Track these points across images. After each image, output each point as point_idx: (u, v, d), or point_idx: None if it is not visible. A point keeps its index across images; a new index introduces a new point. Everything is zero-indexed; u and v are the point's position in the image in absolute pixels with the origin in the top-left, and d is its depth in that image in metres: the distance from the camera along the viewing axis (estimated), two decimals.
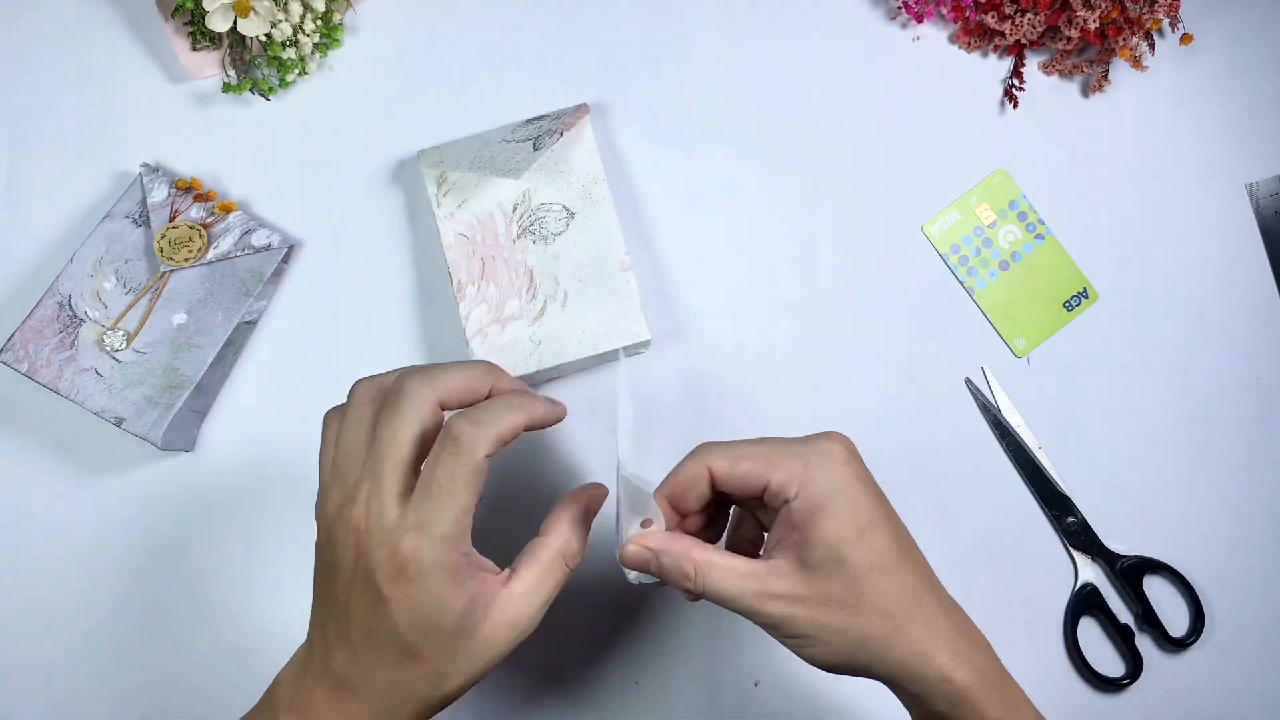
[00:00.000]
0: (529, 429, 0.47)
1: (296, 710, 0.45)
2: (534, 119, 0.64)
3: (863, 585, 0.44)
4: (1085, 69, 0.65)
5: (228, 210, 0.63)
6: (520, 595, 0.44)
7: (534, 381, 0.62)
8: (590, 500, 0.49)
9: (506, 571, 0.45)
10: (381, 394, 0.46)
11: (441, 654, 0.43)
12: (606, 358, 0.61)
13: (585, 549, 0.47)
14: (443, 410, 0.46)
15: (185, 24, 0.64)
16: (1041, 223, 0.65)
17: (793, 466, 0.45)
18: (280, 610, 0.62)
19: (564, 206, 0.61)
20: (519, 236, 0.61)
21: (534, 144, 0.62)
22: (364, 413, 0.46)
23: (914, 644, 0.44)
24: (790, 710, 0.61)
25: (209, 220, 0.63)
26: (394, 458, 0.44)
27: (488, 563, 0.45)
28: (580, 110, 0.63)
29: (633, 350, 0.62)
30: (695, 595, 0.46)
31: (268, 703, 0.46)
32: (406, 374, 0.46)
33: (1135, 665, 0.60)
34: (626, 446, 0.48)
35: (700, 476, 0.47)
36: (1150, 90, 0.66)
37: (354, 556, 0.44)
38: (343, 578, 0.44)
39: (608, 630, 0.61)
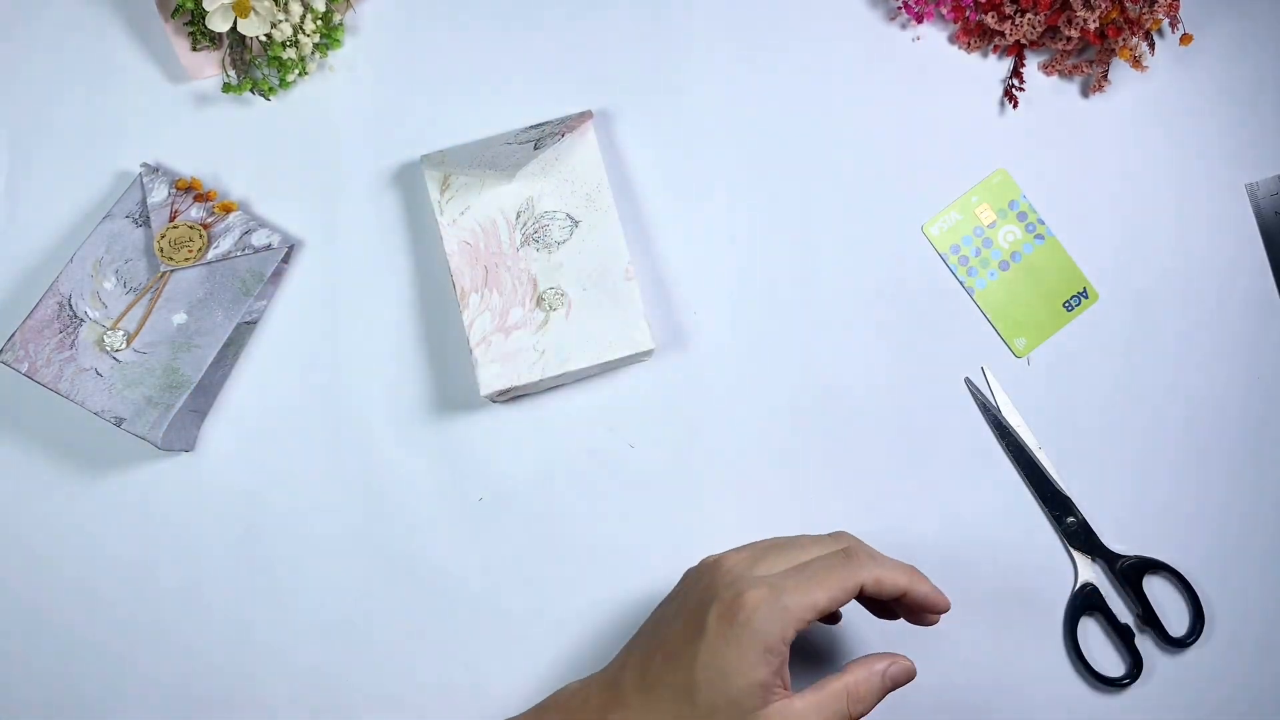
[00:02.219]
0: (909, 596, 0.51)
1: (561, 708, 0.50)
2: (537, 124, 0.64)
3: None
4: (1085, 69, 0.65)
5: (228, 210, 0.63)
6: (798, 710, 0.47)
7: (537, 390, 0.62)
8: (894, 665, 0.50)
9: (795, 691, 0.48)
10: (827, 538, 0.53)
11: (710, 709, 0.46)
12: (610, 366, 0.61)
13: (872, 705, 0.49)
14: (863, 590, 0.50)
15: (185, 24, 0.64)
16: (1041, 223, 0.65)
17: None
18: (279, 609, 0.62)
19: (568, 215, 0.61)
20: (522, 244, 0.61)
21: (535, 144, 0.62)
22: (818, 546, 0.51)
23: None
24: None
25: (209, 220, 0.63)
26: (805, 576, 0.48)
27: (788, 674, 0.48)
28: (584, 116, 0.63)
29: (636, 358, 0.62)
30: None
31: (544, 701, 0.52)
32: (863, 549, 0.52)
33: (1135, 665, 0.60)
34: None
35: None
36: (1150, 90, 0.66)
37: (704, 585, 0.49)
38: (679, 604, 0.50)
39: (609, 630, 0.61)
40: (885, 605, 0.53)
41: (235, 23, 0.61)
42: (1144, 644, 0.61)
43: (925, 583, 0.51)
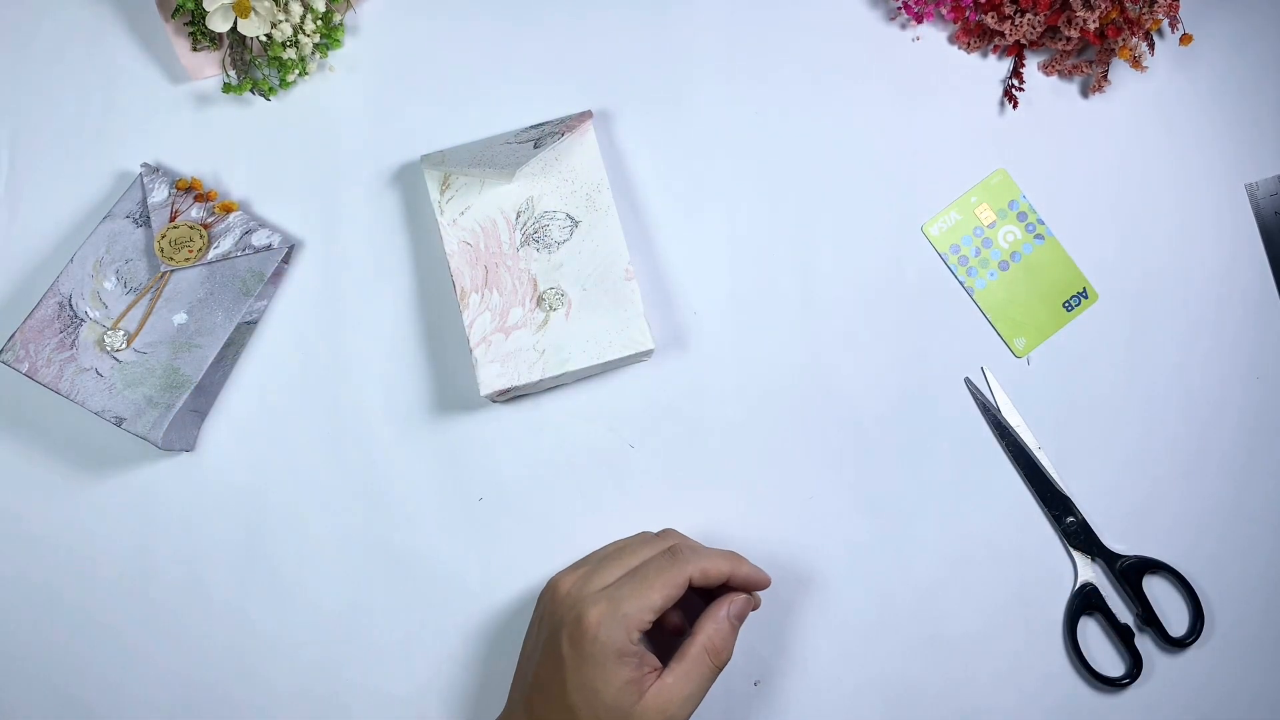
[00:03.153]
0: (733, 581, 0.55)
1: None
2: (537, 124, 0.64)
3: None
4: (1085, 69, 0.65)
5: (228, 210, 0.63)
6: (670, 685, 0.51)
7: (537, 390, 0.62)
8: (735, 605, 0.55)
9: (662, 668, 0.52)
10: (655, 536, 0.58)
11: None
12: (610, 366, 0.61)
13: (731, 648, 0.54)
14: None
15: (186, 24, 0.64)
16: (1041, 223, 0.65)
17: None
18: (279, 610, 0.62)
19: (568, 215, 0.61)
20: (522, 244, 0.61)
21: (535, 143, 0.62)
22: (647, 549, 0.56)
23: None
24: (790, 710, 0.61)
25: (209, 220, 0.63)
26: (640, 583, 0.53)
27: (653, 659, 0.53)
28: (583, 116, 0.63)
29: (636, 358, 0.62)
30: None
31: None
32: (684, 543, 0.57)
33: (1135, 665, 0.60)
34: None
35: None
36: (1150, 90, 0.66)
37: (549, 616, 0.54)
38: (536, 637, 0.55)
39: None
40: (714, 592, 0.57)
41: (235, 23, 0.61)
42: (1144, 644, 0.61)
43: (745, 565, 0.56)
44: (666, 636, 0.58)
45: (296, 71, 0.64)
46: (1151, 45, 0.64)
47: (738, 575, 0.55)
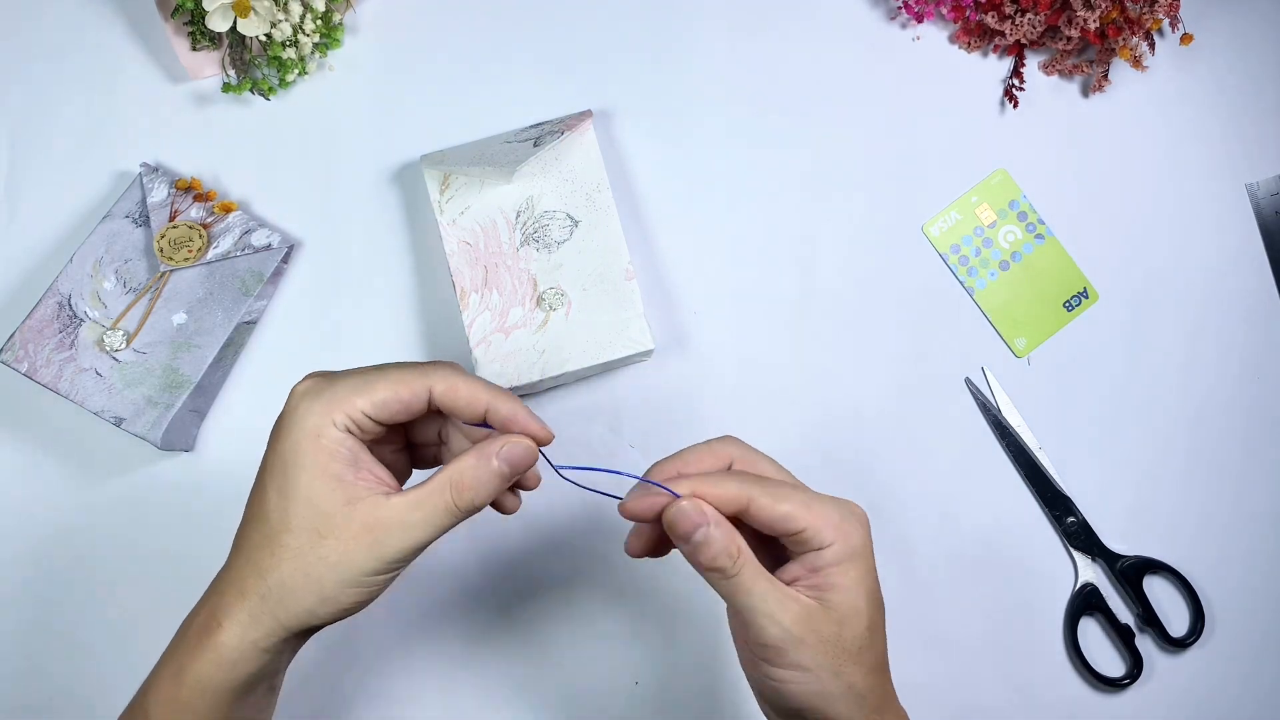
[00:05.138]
0: (494, 418, 0.44)
1: (190, 621, 0.46)
2: (537, 124, 0.64)
3: (872, 637, 0.45)
4: (1085, 69, 0.65)
5: (227, 210, 0.63)
6: (392, 504, 0.42)
7: (537, 390, 0.62)
8: (509, 449, 0.44)
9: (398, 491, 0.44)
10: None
11: (285, 516, 0.42)
12: (610, 366, 0.61)
13: (483, 494, 0.44)
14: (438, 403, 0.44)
15: (185, 24, 0.64)
16: (1042, 223, 0.65)
17: (830, 517, 0.45)
18: None
19: (568, 215, 0.61)
20: (522, 244, 0.61)
21: (534, 142, 0.62)
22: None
23: (890, 703, 0.46)
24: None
25: (209, 220, 0.63)
26: (372, 370, 0.44)
27: (386, 476, 0.44)
28: (583, 115, 0.63)
29: (636, 358, 0.62)
30: (714, 571, 0.45)
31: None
32: (445, 365, 0.45)
33: (1135, 665, 0.60)
34: None
35: (737, 501, 0.45)
36: (1150, 90, 0.66)
37: (283, 414, 0.44)
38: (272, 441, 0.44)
39: (609, 630, 0.61)
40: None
41: (235, 22, 0.61)
42: (1144, 644, 0.61)
43: (518, 405, 0.44)
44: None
45: (296, 71, 0.64)
46: (1152, 45, 0.64)
47: (500, 409, 0.44)
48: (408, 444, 0.49)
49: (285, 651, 0.45)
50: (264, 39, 0.62)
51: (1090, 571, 0.62)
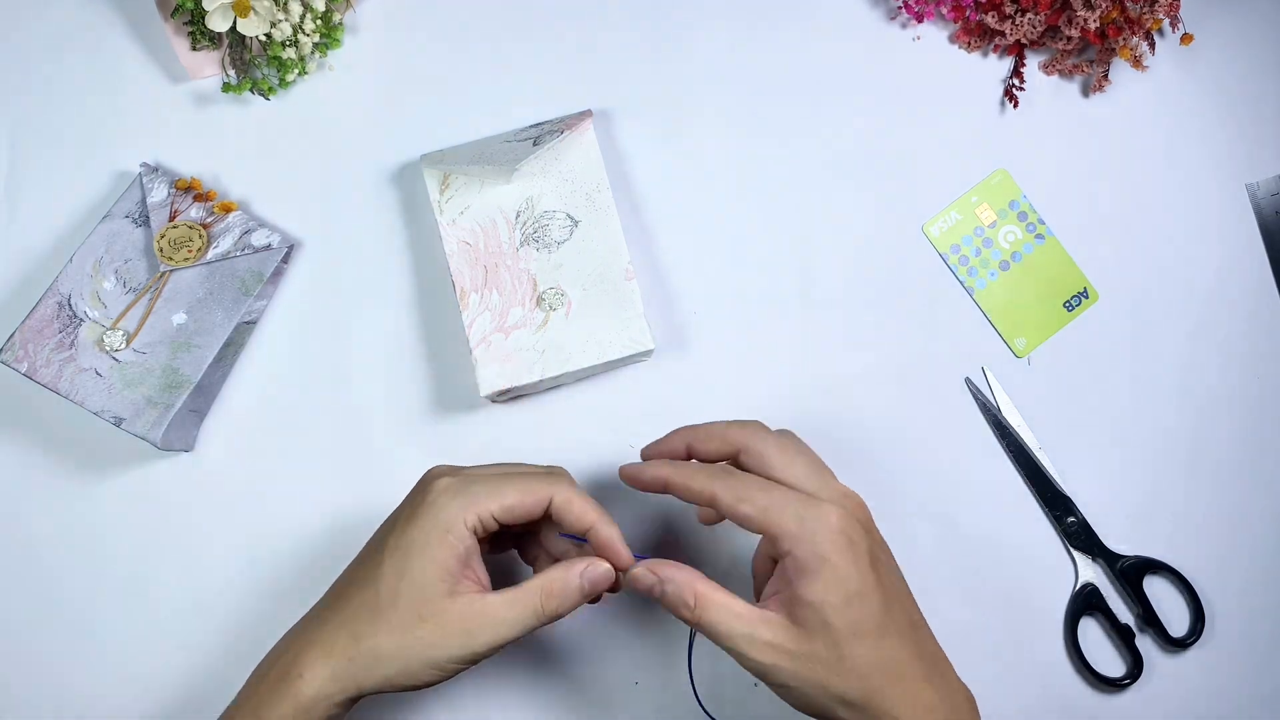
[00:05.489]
0: (593, 536, 0.50)
1: (273, 662, 0.50)
2: (537, 124, 0.64)
3: (844, 648, 0.46)
4: (1085, 69, 0.65)
5: (227, 210, 0.63)
6: (489, 602, 0.48)
7: (537, 390, 0.62)
8: (592, 570, 0.50)
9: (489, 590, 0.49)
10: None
11: (394, 596, 0.47)
12: (610, 366, 0.61)
13: (567, 606, 0.49)
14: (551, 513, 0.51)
15: (185, 24, 0.64)
16: (1042, 223, 0.65)
17: (789, 525, 0.46)
18: (280, 609, 0.62)
19: (568, 215, 0.61)
20: (522, 244, 0.61)
21: (534, 141, 0.62)
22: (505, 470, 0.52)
23: (890, 708, 0.46)
24: (788, 709, 0.61)
25: (209, 220, 0.63)
26: (501, 474, 0.50)
27: (482, 574, 0.49)
28: (583, 115, 0.63)
29: (636, 358, 0.62)
30: (679, 615, 0.48)
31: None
32: (563, 483, 0.51)
33: (1136, 665, 0.60)
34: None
35: (701, 498, 0.49)
36: (1150, 90, 0.66)
37: (416, 490, 0.51)
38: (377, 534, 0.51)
39: (608, 629, 0.61)
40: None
41: (235, 22, 0.61)
42: (1144, 644, 0.61)
43: (614, 531, 0.50)
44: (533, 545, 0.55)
45: (296, 71, 0.64)
46: (1152, 45, 0.64)
47: (599, 532, 0.50)
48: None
49: (350, 707, 0.49)
50: (264, 39, 0.62)
51: (1090, 571, 0.62)
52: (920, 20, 0.66)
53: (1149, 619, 0.61)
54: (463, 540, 0.48)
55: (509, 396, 0.62)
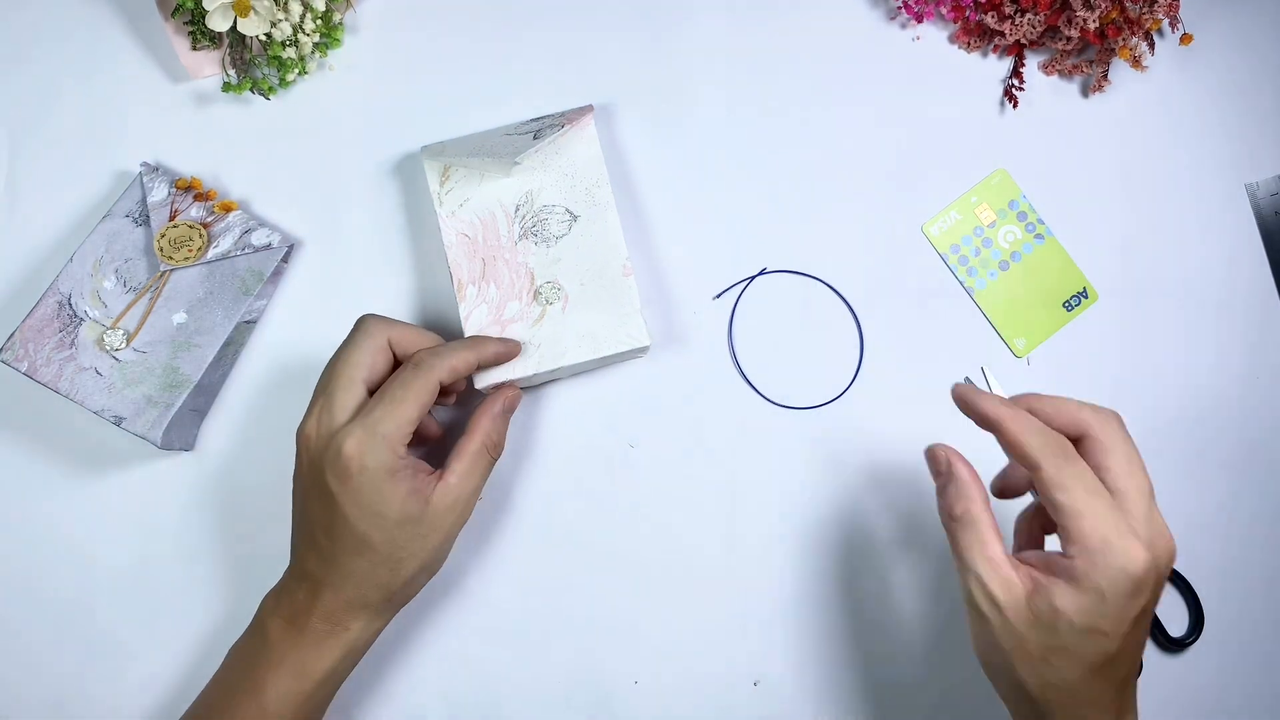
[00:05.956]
0: (482, 366, 0.57)
1: (280, 613, 0.54)
2: (538, 118, 0.64)
3: (1054, 661, 0.45)
4: (1085, 69, 0.65)
5: (228, 209, 0.63)
6: (454, 484, 0.53)
7: (533, 383, 0.62)
8: (506, 400, 0.57)
9: (441, 470, 0.54)
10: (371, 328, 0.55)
11: (391, 540, 0.52)
12: (606, 361, 0.61)
13: (504, 440, 0.57)
14: (393, 350, 0.55)
15: (185, 23, 0.64)
16: (1041, 222, 0.65)
17: (1092, 540, 0.44)
18: None
19: (567, 209, 0.61)
20: (521, 238, 0.61)
21: (534, 135, 0.62)
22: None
23: None
24: (790, 710, 0.61)
25: (209, 219, 0.63)
26: (344, 375, 0.53)
27: (425, 465, 0.54)
28: (584, 110, 0.63)
29: (632, 354, 0.62)
30: (946, 526, 0.49)
31: (256, 618, 0.55)
32: (367, 315, 0.56)
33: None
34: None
35: (1026, 459, 0.47)
36: (1150, 90, 0.66)
37: (307, 463, 0.53)
38: (302, 485, 0.53)
39: (608, 629, 0.61)
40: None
41: (235, 22, 0.61)
42: None
43: (489, 345, 0.57)
44: (428, 443, 0.60)
45: (296, 71, 0.64)
46: (1151, 45, 0.64)
47: (485, 359, 0.56)
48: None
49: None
50: (264, 38, 0.62)
51: None
52: (920, 20, 0.66)
53: None
54: (407, 466, 0.52)
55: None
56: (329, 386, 0.53)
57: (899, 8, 0.66)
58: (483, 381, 0.59)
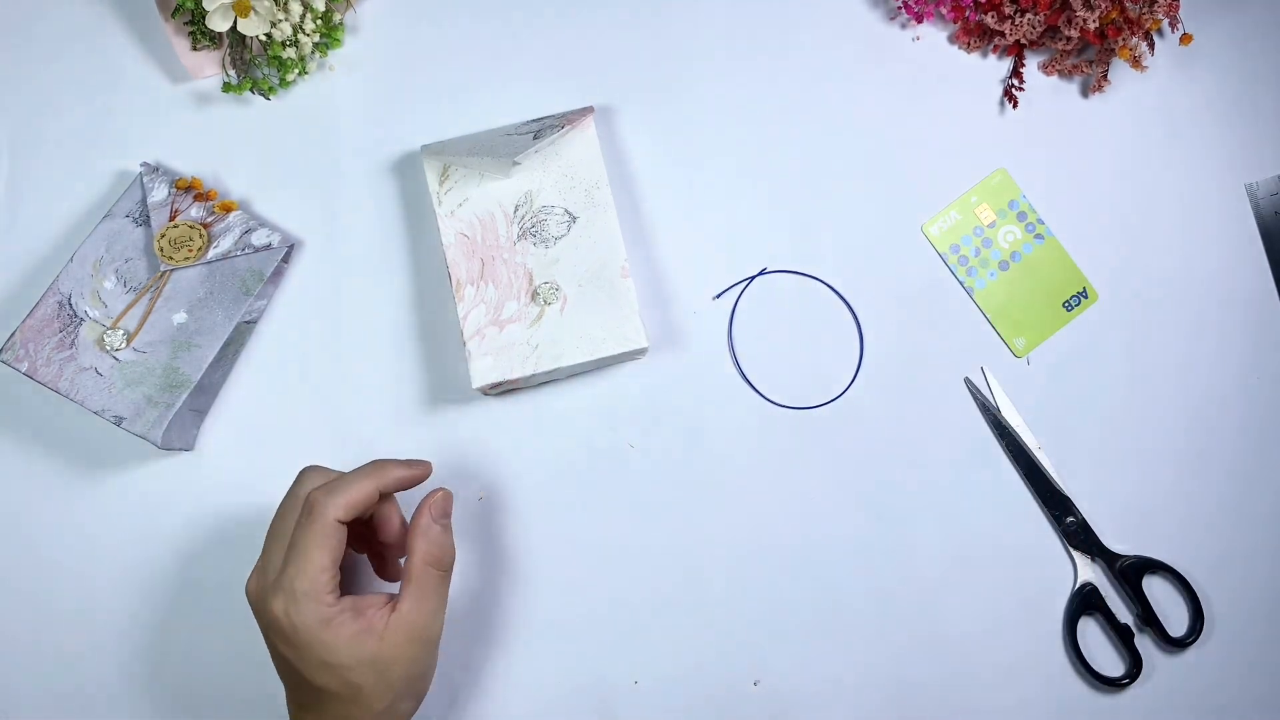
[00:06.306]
0: (385, 491, 0.53)
1: None
2: (538, 118, 0.64)
3: None
4: (1085, 69, 0.65)
5: (228, 210, 0.63)
6: (407, 612, 0.51)
7: (530, 384, 0.62)
8: (434, 508, 0.53)
9: (393, 598, 0.52)
10: (293, 490, 0.54)
11: (351, 684, 0.50)
12: (604, 363, 0.61)
13: (451, 548, 0.53)
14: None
15: (185, 24, 0.64)
16: (1041, 222, 0.65)
17: None
18: None
19: (566, 210, 0.61)
20: (520, 238, 0.61)
21: (534, 135, 0.62)
22: (291, 514, 0.52)
23: None
24: (789, 709, 0.61)
25: (209, 220, 0.63)
26: (275, 529, 0.52)
27: (372, 598, 0.51)
28: (585, 111, 0.63)
29: (630, 356, 0.62)
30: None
31: None
32: (306, 467, 0.54)
33: (1135, 665, 0.60)
34: None
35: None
36: (1150, 90, 0.66)
37: (260, 623, 0.51)
38: (268, 644, 0.52)
39: (609, 630, 0.61)
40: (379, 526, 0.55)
41: (235, 22, 0.61)
42: (1144, 644, 0.61)
43: (391, 470, 0.53)
44: (382, 550, 0.57)
45: (296, 71, 0.64)
46: (1151, 45, 0.64)
47: (387, 485, 0.53)
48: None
49: None
50: (264, 39, 0.62)
51: (1089, 571, 0.62)
52: (920, 20, 0.66)
53: (1148, 619, 0.61)
54: (344, 609, 0.50)
55: (502, 390, 0.62)
56: (266, 543, 0.52)
57: (899, 8, 0.66)
58: (480, 381, 0.59)
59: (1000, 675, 0.61)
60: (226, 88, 0.64)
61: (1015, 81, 0.65)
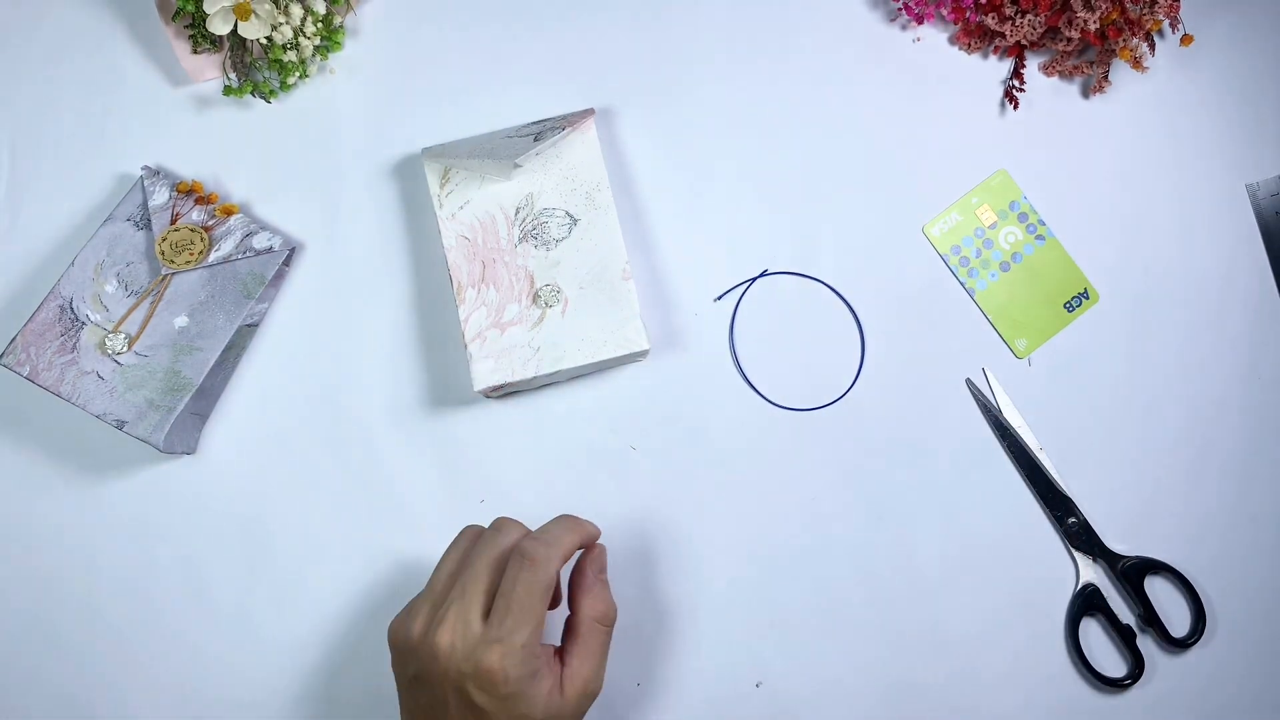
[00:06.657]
0: (581, 547, 0.54)
1: None
2: (539, 120, 0.64)
3: None
4: (1085, 70, 0.65)
5: (229, 213, 0.63)
6: (579, 668, 0.52)
7: (531, 386, 0.62)
8: (594, 563, 0.55)
9: (557, 647, 0.53)
10: (493, 540, 0.53)
11: None
12: (605, 365, 0.62)
13: (612, 603, 0.54)
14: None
15: (186, 27, 0.64)
16: (1042, 223, 0.65)
17: None
18: (281, 611, 0.62)
19: (567, 212, 0.61)
20: (521, 241, 0.61)
21: (535, 137, 0.62)
22: (490, 555, 0.52)
23: None
24: (790, 710, 0.61)
25: (210, 223, 0.63)
26: (480, 582, 0.51)
27: (549, 648, 0.52)
28: (585, 113, 0.63)
29: (632, 358, 0.62)
30: None
31: None
32: (530, 542, 0.52)
33: (1137, 666, 0.60)
34: None
35: None
36: (1150, 91, 0.66)
37: (440, 673, 0.50)
38: (432, 693, 0.51)
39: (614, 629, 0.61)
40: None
41: (236, 26, 0.61)
42: (1145, 644, 0.61)
43: (581, 526, 0.54)
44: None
45: (297, 74, 0.64)
46: (1152, 46, 0.64)
47: (585, 542, 0.55)
48: None
49: None
50: (265, 42, 0.62)
51: (1091, 572, 0.62)
52: (920, 22, 0.66)
53: (1150, 619, 0.61)
54: (544, 663, 0.51)
55: (503, 392, 0.62)
56: (469, 594, 0.51)
57: (899, 9, 0.66)
58: (481, 383, 0.59)
59: (1002, 676, 0.61)
60: (227, 91, 0.64)
61: (1016, 82, 0.65)
